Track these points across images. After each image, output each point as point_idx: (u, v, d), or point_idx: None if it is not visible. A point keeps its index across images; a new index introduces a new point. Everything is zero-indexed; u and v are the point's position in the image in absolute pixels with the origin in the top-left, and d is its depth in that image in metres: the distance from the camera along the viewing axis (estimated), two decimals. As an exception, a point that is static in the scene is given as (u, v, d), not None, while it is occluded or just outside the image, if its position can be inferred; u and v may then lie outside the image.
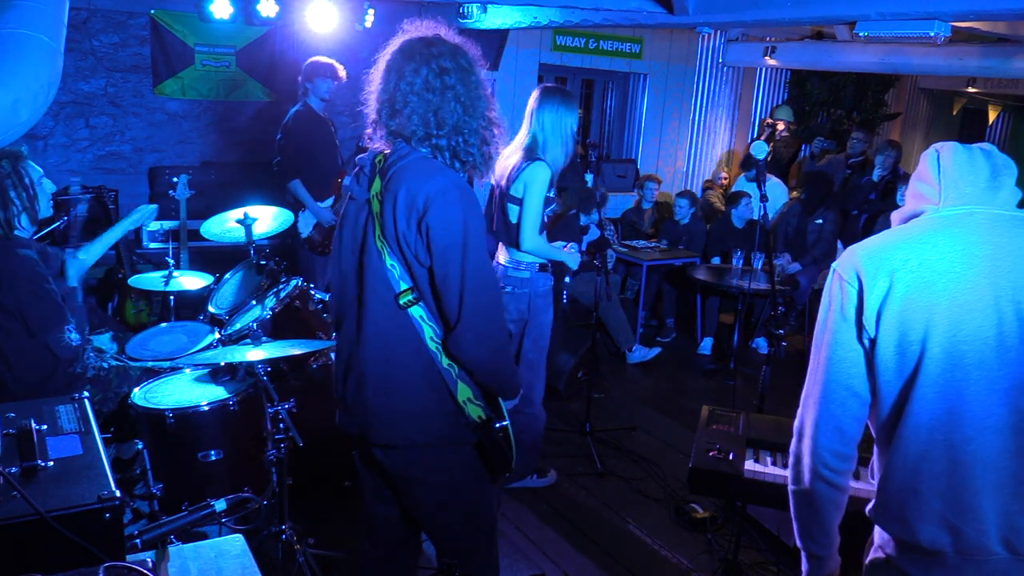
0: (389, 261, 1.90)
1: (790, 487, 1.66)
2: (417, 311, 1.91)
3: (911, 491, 1.48)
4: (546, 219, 3.44)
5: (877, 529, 1.60)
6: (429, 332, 1.92)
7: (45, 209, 2.95)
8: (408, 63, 1.91)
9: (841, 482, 1.58)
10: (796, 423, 1.65)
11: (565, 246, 3.56)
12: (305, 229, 5.00)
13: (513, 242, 3.41)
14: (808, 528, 1.65)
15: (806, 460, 1.60)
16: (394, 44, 1.99)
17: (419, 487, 2.07)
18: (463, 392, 1.95)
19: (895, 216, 1.65)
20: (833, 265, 1.59)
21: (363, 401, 1.99)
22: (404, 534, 2.30)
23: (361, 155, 2.06)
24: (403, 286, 1.90)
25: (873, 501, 1.58)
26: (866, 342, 1.51)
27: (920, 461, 1.46)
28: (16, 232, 2.85)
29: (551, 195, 3.39)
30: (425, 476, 2.04)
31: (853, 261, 1.54)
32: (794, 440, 1.65)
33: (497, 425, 1.99)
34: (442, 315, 1.93)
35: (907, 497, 1.49)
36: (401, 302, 1.90)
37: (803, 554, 1.70)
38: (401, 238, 1.87)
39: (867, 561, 1.66)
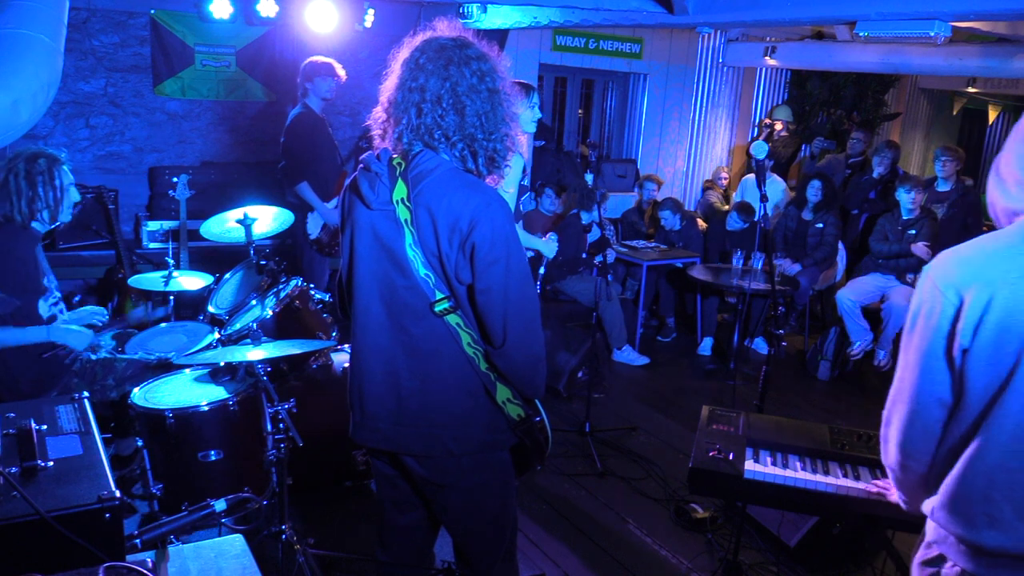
0: (423, 271, 1.85)
1: (884, 461, 1.69)
2: (453, 319, 1.88)
3: (984, 498, 1.47)
4: (521, 208, 3.48)
5: (932, 527, 1.60)
6: (467, 338, 1.89)
7: (66, 214, 3.14)
8: (447, 65, 1.84)
9: (928, 463, 1.60)
10: (885, 413, 1.65)
11: (543, 236, 3.60)
12: (314, 231, 5.01)
13: None
14: (916, 496, 1.67)
15: (893, 452, 1.63)
16: (415, 44, 1.91)
17: (453, 493, 2.04)
18: (502, 393, 1.94)
19: (999, 209, 1.57)
20: (926, 269, 1.55)
21: (396, 412, 1.96)
22: (421, 544, 2.29)
23: (365, 155, 1.97)
24: (439, 295, 1.86)
25: (936, 501, 1.57)
26: (958, 354, 1.48)
27: (997, 470, 1.45)
28: (33, 223, 3.05)
29: (525, 183, 3.44)
30: (458, 482, 2.02)
31: (950, 272, 1.49)
32: (883, 426, 1.66)
33: (536, 419, 2.02)
34: (481, 328, 1.90)
35: (976, 503, 1.48)
36: (436, 310, 1.86)
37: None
38: (444, 257, 1.84)
39: (918, 559, 1.65)
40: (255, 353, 2.67)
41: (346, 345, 3.89)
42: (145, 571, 1.39)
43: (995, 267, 1.45)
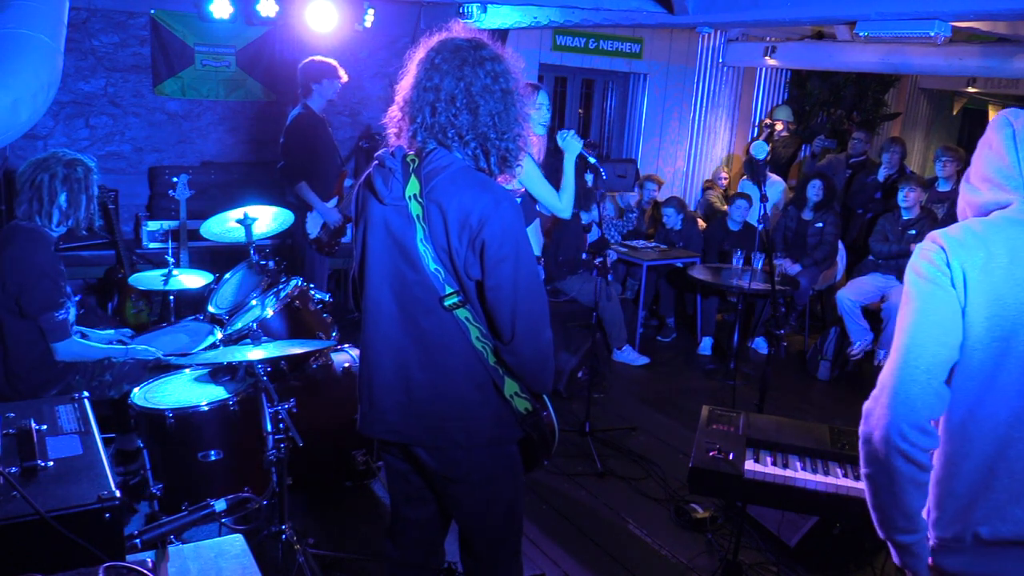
0: (433, 266, 1.89)
1: (863, 471, 1.58)
2: (463, 313, 1.91)
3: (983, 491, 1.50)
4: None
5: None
6: (475, 332, 1.92)
7: (89, 222, 3.08)
8: (462, 65, 1.88)
9: (921, 459, 1.50)
10: (866, 405, 1.58)
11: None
12: (313, 230, 5.01)
13: None
14: (889, 515, 1.56)
15: (878, 434, 1.52)
16: (431, 44, 1.94)
17: (464, 487, 2.07)
18: (510, 387, 1.97)
19: (966, 205, 1.61)
20: (918, 247, 1.56)
21: (406, 404, 1.98)
22: (431, 537, 2.30)
23: (380, 152, 2.00)
24: (448, 289, 1.89)
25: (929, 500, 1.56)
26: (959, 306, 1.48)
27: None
28: (51, 229, 2.98)
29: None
30: (470, 476, 2.04)
31: (937, 240, 1.52)
32: (863, 422, 1.58)
33: (543, 414, 2.05)
34: (490, 323, 1.93)
35: (976, 497, 1.50)
36: (446, 304, 1.90)
37: (891, 548, 1.61)
38: (453, 252, 1.87)
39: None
40: (255, 353, 2.67)
41: (346, 345, 3.90)
42: (145, 571, 1.38)
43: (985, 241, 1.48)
